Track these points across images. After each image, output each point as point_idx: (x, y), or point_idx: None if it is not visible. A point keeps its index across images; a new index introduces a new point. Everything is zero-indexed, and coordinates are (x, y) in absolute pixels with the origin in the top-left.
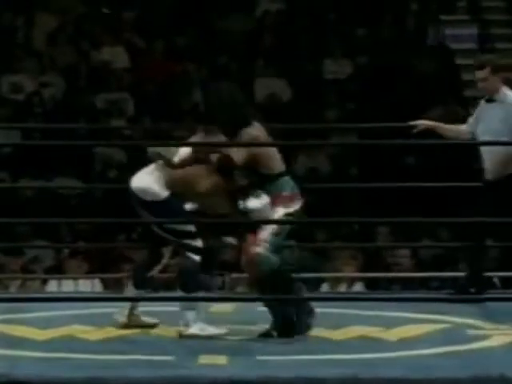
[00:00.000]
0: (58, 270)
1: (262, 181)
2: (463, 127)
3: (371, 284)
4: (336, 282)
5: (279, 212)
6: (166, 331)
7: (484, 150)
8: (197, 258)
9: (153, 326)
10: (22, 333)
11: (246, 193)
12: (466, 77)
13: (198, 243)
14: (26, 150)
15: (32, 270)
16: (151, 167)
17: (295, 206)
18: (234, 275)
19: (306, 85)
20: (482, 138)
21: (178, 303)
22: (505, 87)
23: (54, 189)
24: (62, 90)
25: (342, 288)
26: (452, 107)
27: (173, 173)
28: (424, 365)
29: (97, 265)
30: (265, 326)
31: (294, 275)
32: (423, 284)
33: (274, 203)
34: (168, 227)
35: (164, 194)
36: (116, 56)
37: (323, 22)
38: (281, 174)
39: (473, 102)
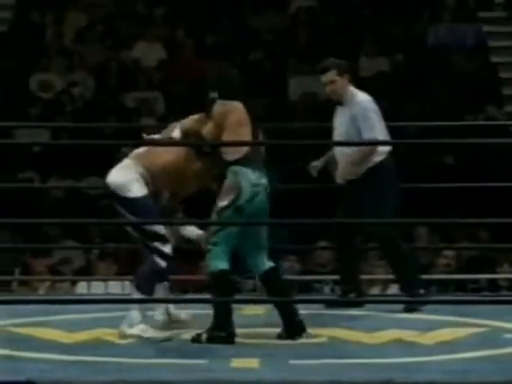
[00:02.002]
0: (87, 272)
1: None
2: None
3: None
4: (369, 284)
5: (216, 207)
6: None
7: (337, 154)
8: (162, 263)
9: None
10: (50, 336)
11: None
12: (503, 75)
13: (167, 249)
14: (56, 149)
15: (61, 271)
16: (128, 161)
17: (229, 198)
18: None
19: None
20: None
21: (208, 306)
22: (352, 88)
23: (83, 189)
24: (92, 88)
25: (376, 290)
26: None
27: (156, 160)
28: (461, 369)
29: (127, 266)
30: None
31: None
32: (460, 286)
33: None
34: (140, 227)
35: (142, 192)
36: (146, 54)
37: (358, 18)
38: (235, 162)
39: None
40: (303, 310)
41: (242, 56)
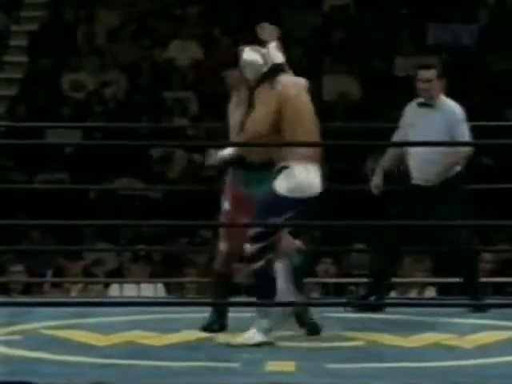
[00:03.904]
0: (120, 274)
1: None
2: (391, 150)
3: (443, 289)
4: (406, 287)
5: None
6: (232, 338)
7: (415, 155)
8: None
9: None
10: (83, 338)
11: None
12: None
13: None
14: (87, 150)
15: (94, 273)
16: None
17: None
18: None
19: (376, 82)
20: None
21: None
22: (443, 95)
23: (116, 190)
24: (124, 88)
25: (413, 294)
26: None
27: None
28: (501, 373)
29: (160, 268)
30: (333, 332)
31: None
32: (498, 289)
33: None
34: None
35: None
36: (180, 53)
37: (394, 17)
38: None
39: None
40: (339, 313)
41: None
